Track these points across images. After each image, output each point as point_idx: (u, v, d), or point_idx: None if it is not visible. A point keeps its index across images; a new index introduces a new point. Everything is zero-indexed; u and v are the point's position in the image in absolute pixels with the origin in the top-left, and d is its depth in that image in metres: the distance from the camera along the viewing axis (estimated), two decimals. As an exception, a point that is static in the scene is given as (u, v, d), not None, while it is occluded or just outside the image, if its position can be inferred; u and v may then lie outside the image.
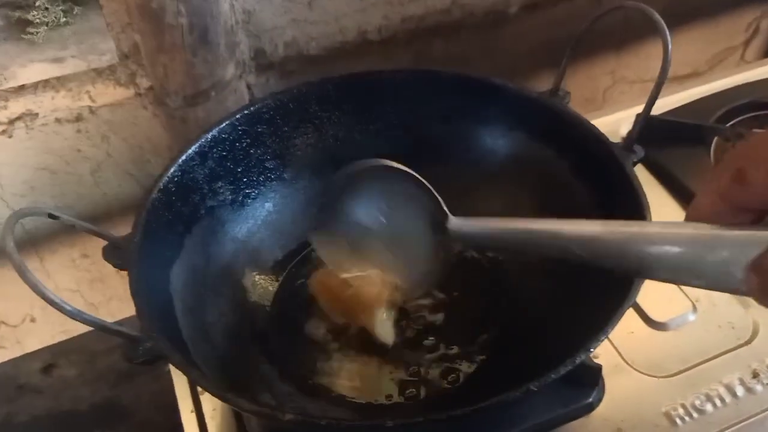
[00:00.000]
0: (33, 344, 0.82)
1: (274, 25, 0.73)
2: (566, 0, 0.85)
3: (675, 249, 0.28)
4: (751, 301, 0.55)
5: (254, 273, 0.54)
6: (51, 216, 0.40)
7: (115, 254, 0.43)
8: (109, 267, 0.84)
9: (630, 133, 0.48)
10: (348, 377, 0.48)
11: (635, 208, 0.43)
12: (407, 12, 0.78)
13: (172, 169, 0.48)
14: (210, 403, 0.51)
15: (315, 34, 0.75)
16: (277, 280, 0.55)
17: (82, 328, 0.79)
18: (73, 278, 0.83)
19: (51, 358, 0.68)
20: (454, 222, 0.39)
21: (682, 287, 0.57)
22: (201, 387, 0.36)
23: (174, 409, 0.53)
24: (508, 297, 0.53)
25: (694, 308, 0.56)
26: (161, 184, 0.47)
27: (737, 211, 0.26)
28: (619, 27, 0.94)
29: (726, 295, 0.57)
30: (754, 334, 0.54)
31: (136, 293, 0.40)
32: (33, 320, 0.84)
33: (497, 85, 0.53)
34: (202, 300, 0.47)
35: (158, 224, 0.45)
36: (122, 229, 0.46)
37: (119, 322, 0.39)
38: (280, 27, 0.73)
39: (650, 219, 0.42)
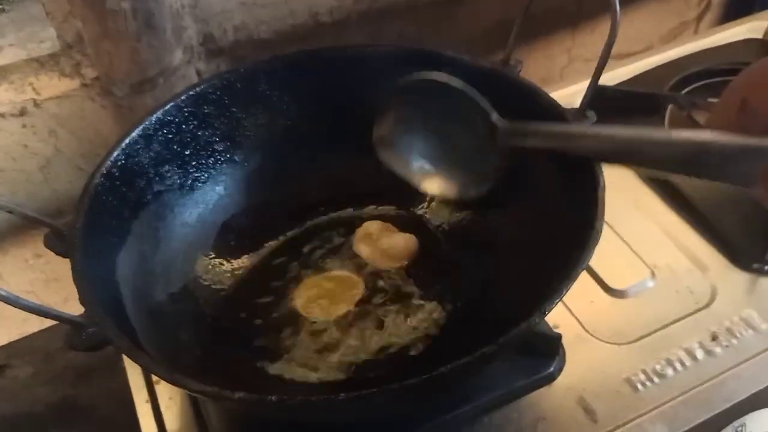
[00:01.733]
0: (-15, 348, 0.80)
1: (222, 9, 0.71)
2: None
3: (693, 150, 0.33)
4: (709, 265, 0.56)
5: (207, 257, 0.52)
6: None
7: (57, 242, 0.41)
8: (65, 267, 0.82)
9: (582, 99, 0.48)
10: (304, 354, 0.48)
11: (589, 170, 0.42)
12: (358, -8, 0.77)
13: (115, 153, 0.46)
14: (165, 393, 0.50)
15: (265, 18, 0.74)
16: (231, 264, 0.54)
17: (35, 328, 0.77)
18: (27, 279, 0.80)
19: (4, 358, 0.66)
20: (505, 125, 0.44)
21: (641, 255, 0.58)
22: (149, 371, 0.35)
23: (129, 401, 0.52)
24: (474, 271, 0.53)
25: (653, 275, 0.56)
26: (104, 169, 0.45)
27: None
28: (573, 6, 0.94)
29: (684, 262, 0.57)
30: (713, 297, 0.55)
31: (78, 279, 0.38)
32: (-14, 326, 0.82)
33: (450, 57, 0.52)
34: (152, 286, 0.46)
35: (102, 210, 0.44)
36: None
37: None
38: (228, 11, 0.72)
39: (603, 181, 0.42)
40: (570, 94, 0.71)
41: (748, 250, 0.56)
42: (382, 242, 0.52)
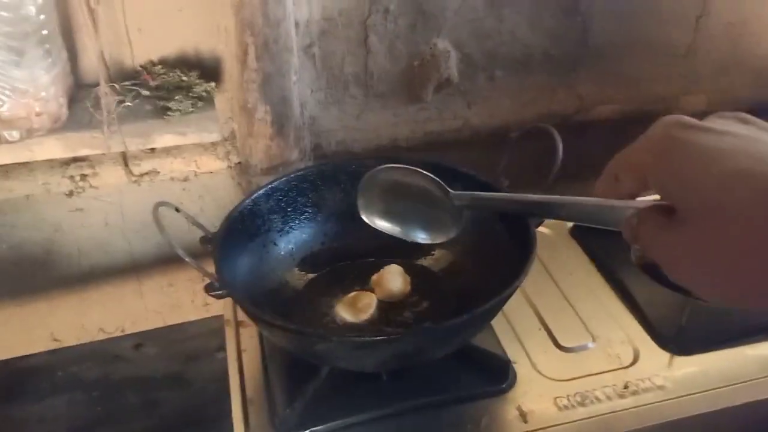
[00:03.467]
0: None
1: (330, 128, 1.01)
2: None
3: (587, 209, 0.44)
4: (637, 340, 0.77)
5: (291, 273, 0.80)
6: (177, 210, 0.67)
7: (206, 242, 0.70)
8: (186, 296, 1.10)
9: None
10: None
11: (529, 252, 0.67)
12: (428, 128, 1.05)
13: (247, 201, 0.76)
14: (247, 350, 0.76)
15: (358, 138, 1.03)
16: (305, 277, 0.81)
17: (162, 324, 1.03)
18: (159, 301, 1.08)
19: (140, 339, 0.94)
20: (453, 194, 0.59)
21: (588, 326, 0.80)
22: (244, 310, 0.62)
23: (220, 380, 0.77)
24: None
25: (594, 340, 0.78)
26: (240, 208, 0.74)
27: (618, 195, 0.40)
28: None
29: (619, 335, 0.79)
30: (634, 362, 0.76)
31: (217, 261, 0.66)
32: (123, 331, 1.10)
33: (462, 172, 0.79)
34: (254, 283, 0.73)
35: (234, 230, 0.72)
36: (205, 263, 0.67)
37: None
38: (334, 130, 1.02)
39: (532, 261, 0.66)
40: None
41: (667, 335, 0.78)
42: (384, 278, 0.77)
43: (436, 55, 0.98)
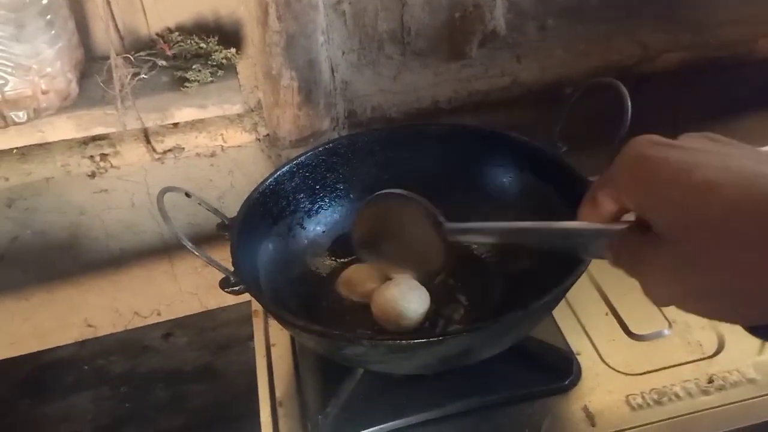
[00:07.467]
0: (158, 333, 1.03)
1: (365, 93, 0.93)
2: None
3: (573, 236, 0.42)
4: (720, 324, 0.67)
5: (320, 259, 0.72)
6: (187, 194, 0.60)
7: (223, 229, 0.63)
8: (221, 277, 1.04)
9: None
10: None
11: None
12: (473, 87, 0.96)
13: (269, 180, 0.67)
14: (277, 353, 0.69)
15: (396, 102, 0.94)
16: (335, 262, 0.73)
17: (192, 311, 0.99)
18: (194, 283, 1.03)
19: (170, 328, 0.89)
20: (448, 225, 0.54)
21: (663, 310, 0.70)
22: (266, 308, 0.54)
23: (252, 372, 0.71)
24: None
25: (670, 326, 0.68)
26: (260, 189, 0.66)
27: (600, 219, 0.40)
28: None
29: (700, 320, 0.68)
30: (719, 351, 0.66)
31: (234, 253, 0.59)
32: (159, 314, 1.05)
33: (511, 137, 0.69)
34: (278, 271, 0.66)
35: (254, 214, 0.65)
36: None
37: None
38: (369, 95, 0.93)
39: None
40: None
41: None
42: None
43: (479, 4, 0.89)
